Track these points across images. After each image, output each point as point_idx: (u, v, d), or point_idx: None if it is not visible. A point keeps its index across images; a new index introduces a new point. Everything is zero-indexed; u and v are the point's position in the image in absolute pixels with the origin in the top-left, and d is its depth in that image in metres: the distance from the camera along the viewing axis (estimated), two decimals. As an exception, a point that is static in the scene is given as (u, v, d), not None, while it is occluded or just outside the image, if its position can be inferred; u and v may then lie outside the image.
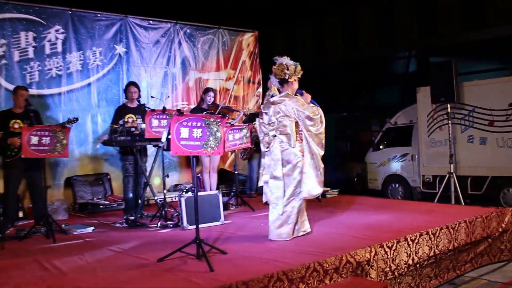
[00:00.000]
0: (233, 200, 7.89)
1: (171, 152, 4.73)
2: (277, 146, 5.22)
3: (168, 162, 9.11)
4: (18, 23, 7.99)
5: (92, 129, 8.68)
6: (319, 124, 5.16)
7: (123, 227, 6.61)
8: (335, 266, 4.27)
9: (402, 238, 4.93)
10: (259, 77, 11.25)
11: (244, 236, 5.60)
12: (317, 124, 5.15)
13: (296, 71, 5.28)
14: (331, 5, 13.81)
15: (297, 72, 5.29)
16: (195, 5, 10.05)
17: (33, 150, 5.88)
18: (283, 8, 12.59)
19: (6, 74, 7.84)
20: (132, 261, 4.64)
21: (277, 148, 5.21)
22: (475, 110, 9.27)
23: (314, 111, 5.16)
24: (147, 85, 9.28)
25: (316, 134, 5.17)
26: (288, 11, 13.13)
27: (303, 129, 5.18)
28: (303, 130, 5.18)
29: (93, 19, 8.79)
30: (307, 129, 5.16)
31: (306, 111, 5.15)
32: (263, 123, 5.38)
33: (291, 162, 5.18)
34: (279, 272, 3.90)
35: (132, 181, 7.17)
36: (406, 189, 10.83)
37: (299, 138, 5.22)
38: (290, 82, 5.29)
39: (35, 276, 4.26)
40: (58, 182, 8.31)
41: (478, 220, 5.89)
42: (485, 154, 9.17)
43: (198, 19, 10.34)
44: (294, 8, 13.03)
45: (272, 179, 5.27)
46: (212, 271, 4.08)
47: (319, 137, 5.19)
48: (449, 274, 5.54)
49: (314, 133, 5.16)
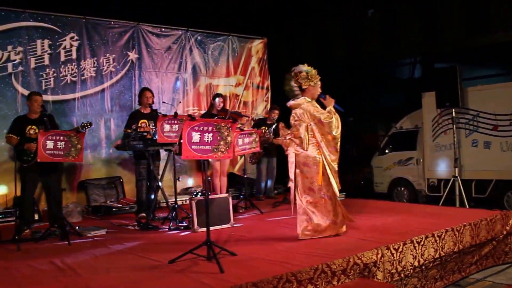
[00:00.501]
0: (242, 203, 8.02)
1: (182, 156, 4.75)
2: (292, 149, 5.37)
3: (179, 166, 9.25)
4: (34, 31, 8.19)
5: (105, 134, 8.86)
6: (334, 129, 5.26)
7: (135, 229, 6.69)
8: (343, 268, 4.30)
9: (408, 240, 4.95)
10: (267, 82, 11.39)
11: (253, 238, 5.65)
12: (332, 128, 5.25)
13: (308, 77, 5.38)
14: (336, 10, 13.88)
15: (310, 78, 5.38)
16: (206, 12, 10.18)
17: (49, 154, 5.92)
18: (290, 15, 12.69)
19: (22, 81, 8.03)
20: (144, 262, 4.71)
21: (292, 151, 5.36)
22: (479, 114, 9.30)
23: (326, 116, 5.26)
24: (159, 90, 9.43)
25: (330, 139, 5.28)
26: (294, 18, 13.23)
27: (317, 133, 5.29)
28: (317, 134, 5.30)
29: (106, 27, 8.98)
30: (321, 133, 5.28)
31: (319, 115, 5.26)
32: (284, 127, 5.53)
33: (307, 164, 5.30)
34: (288, 274, 3.93)
35: (145, 184, 7.30)
36: (412, 192, 10.86)
37: (315, 141, 5.33)
38: (306, 88, 5.41)
39: (51, 276, 4.34)
40: (72, 185, 8.46)
41: (482, 223, 5.88)
42: (489, 158, 9.20)
43: (208, 26, 10.49)
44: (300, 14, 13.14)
45: (289, 181, 5.43)
46: (222, 272, 4.12)
47: (333, 142, 5.30)
48: (454, 275, 5.55)
49: (329, 137, 5.27)
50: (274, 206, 8.20)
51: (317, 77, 5.43)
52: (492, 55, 12.05)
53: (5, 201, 7.61)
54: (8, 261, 5.03)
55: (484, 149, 9.29)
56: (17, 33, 8.02)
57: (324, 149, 5.30)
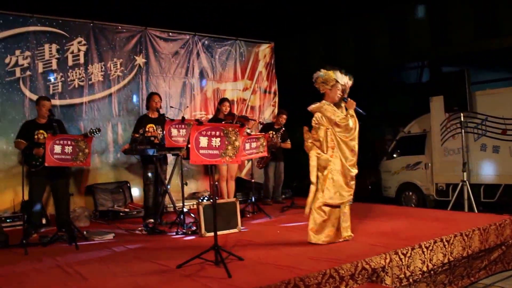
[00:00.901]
0: (249, 208, 8.02)
1: (190, 161, 4.76)
2: (313, 153, 5.41)
3: (186, 170, 9.24)
4: (42, 35, 8.24)
5: (112, 138, 8.88)
6: (349, 131, 5.32)
7: (143, 233, 6.70)
8: (351, 273, 4.31)
9: (417, 245, 4.96)
10: (275, 87, 11.40)
11: (261, 243, 5.65)
12: (346, 131, 5.31)
13: (324, 81, 5.44)
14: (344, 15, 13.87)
15: (325, 82, 5.44)
16: (213, 17, 10.20)
17: (56, 159, 5.95)
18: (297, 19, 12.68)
19: (30, 85, 8.07)
20: (152, 267, 4.71)
21: (314, 154, 5.40)
22: (488, 119, 9.24)
23: (342, 119, 5.32)
24: (166, 95, 9.45)
25: (345, 141, 5.33)
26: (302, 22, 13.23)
27: (334, 135, 5.35)
28: (334, 136, 5.35)
29: (114, 31, 9.02)
30: (339, 136, 5.33)
31: (336, 119, 5.32)
32: (307, 131, 5.56)
33: (326, 167, 5.35)
34: (296, 278, 3.93)
35: (152, 189, 7.30)
36: (420, 197, 10.81)
37: (332, 144, 5.37)
38: (325, 93, 5.48)
39: (58, 281, 4.35)
40: (80, 190, 8.48)
41: (491, 228, 5.88)
42: (498, 163, 9.13)
43: (216, 31, 10.52)
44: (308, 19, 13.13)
45: (310, 184, 5.45)
46: (230, 277, 4.13)
47: (349, 144, 5.34)
48: (463, 281, 5.55)
49: (343, 139, 5.33)
50: (282, 211, 8.19)
51: (333, 81, 5.45)
52: (500, 59, 11.99)
53: (13, 205, 7.63)
54: (16, 265, 5.05)
55: (492, 153, 9.24)
56: (25, 38, 8.07)
57: (341, 152, 5.34)
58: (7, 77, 7.91)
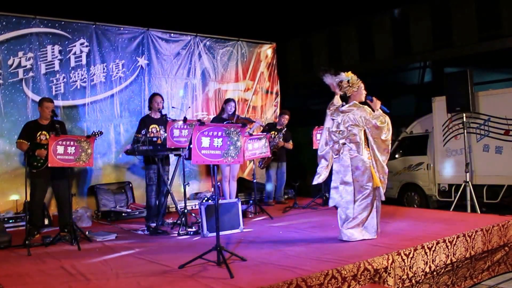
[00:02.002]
0: (251, 208, 8.00)
1: (192, 161, 4.78)
2: (346, 153, 5.47)
3: (188, 171, 9.24)
4: (45, 37, 8.25)
5: (115, 139, 8.89)
6: (386, 132, 5.41)
7: (145, 234, 6.70)
8: (353, 274, 4.31)
9: (419, 245, 4.96)
10: (276, 87, 11.39)
11: (263, 243, 5.65)
12: (384, 131, 5.40)
13: (350, 85, 5.52)
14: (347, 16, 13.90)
15: (351, 85, 5.51)
16: (215, 18, 10.23)
17: (59, 159, 5.94)
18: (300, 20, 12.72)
19: (33, 86, 8.08)
20: (154, 267, 4.72)
21: (347, 155, 5.46)
22: (491, 119, 9.24)
23: (381, 120, 5.40)
24: (168, 96, 9.45)
25: (383, 141, 5.42)
26: (304, 23, 13.26)
27: (370, 136, 5.42)
28: (369, 137, 5.42)
29: (116, 33, 9.02)
30: (374, 137, 5.41)
31: (374, 120, 5.39)
32: (333, 132, 5.59)
33: (360, 168, 5.41)
34: (298, 279, 3.95)
35: (155, 189, 7.32)
36: (422, 197, 10.80)
37: (366, 145, 5.46)
38: (352, 95, 5.54)
39: (60, 281, 4.36)
40: (82, 190, 8.51)
41: (494, 228, 5.88)
42: (500, 163, 9.12)
43: (217, 31, 10.55)
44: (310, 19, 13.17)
45: (343, 184, 5.52)
46: (232, 277, 4.15)
47: (386, 144, 5.44)
48: (466, 282, 5.55)
49: (382, 139, 5.41)
50: (284, 211, 8.19)
51: (358, 81, 5.56)
52: (503, 59, 12.00)
53: (16, 206, 7.65)
54: (18, 265, 5.07)
55: (495, 154, 9.22)
56: (28, 39, 8.09)
57: (376, 152, 5.44)
58: (10, 78, 7.92)
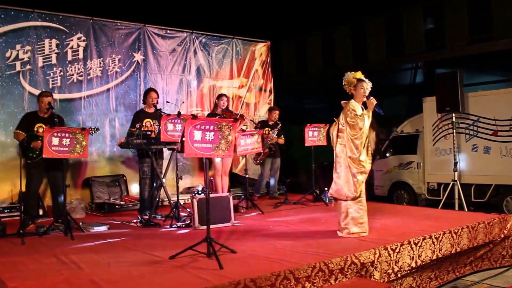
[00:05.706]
0: (243, 203, 8.11)
1: (184, 154, 4.84)
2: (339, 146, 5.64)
3: (181, 165, 9.33)
4: (43, 30, 8.32)
5: (110, 133, 8.96)
6: (355, 130, 5.48)
7: (138, 226, 6.78)
8: (340, 267, 4.38)
9: (406, 241, 5.02)
10: (270, 85, 11.48)
11: (253, 237, 5.71)
12: (353, 129, 5.48)
13: (347, 84, 5.68)
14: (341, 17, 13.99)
15: (348, 84, 5.67)
16: (211, 15, 10.31)
17: (54, 150, 5.99)
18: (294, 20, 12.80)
19: (30, 79, 8.15)
20: (145, 257, 4.78)
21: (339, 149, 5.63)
22: (480, 120, 9.36)
23: (351, 117, 5.50)
24: (163, 92, 9.51)
25: (351, 139, 5.51)
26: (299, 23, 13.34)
27: (346, 133, 5.55)
28: (345, 134, 5.55)
29: (113, 28, 9.09)
30: (347, 133, 5.53)
31: (347, 117, 5.52)
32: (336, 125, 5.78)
33: (339, 163, 5.62)
34: (286, 271, 4.01)
35: (148, 183, 7.38)
36: (411, 195, 10.91)
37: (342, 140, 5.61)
38: (353, 94, 5.68)
39: (54, 269, 4.43)
40: (76, 182, 8.58)
41: (480, 226, 5.94)
42: (488, 163, 9.25)
43: (213, 29, 10.61)
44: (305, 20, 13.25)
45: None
46: (222, 268, 4.20)
47: (354, 142, 5.49)
48: (448, 275, 5.63)
49: (351, 137, 5.51)
50: (275, 207, 8.28)
51: (354, 81, 5.65)
52: (493, 61, 12.10)
53: (11, 196, 7.73)
54: (12, 254, 5.14)
55: (483, 154, 9.34)
56: (26, 33, 8.14)
57: (348, 148, 5.53)
58: (8, 70, 7.98)
